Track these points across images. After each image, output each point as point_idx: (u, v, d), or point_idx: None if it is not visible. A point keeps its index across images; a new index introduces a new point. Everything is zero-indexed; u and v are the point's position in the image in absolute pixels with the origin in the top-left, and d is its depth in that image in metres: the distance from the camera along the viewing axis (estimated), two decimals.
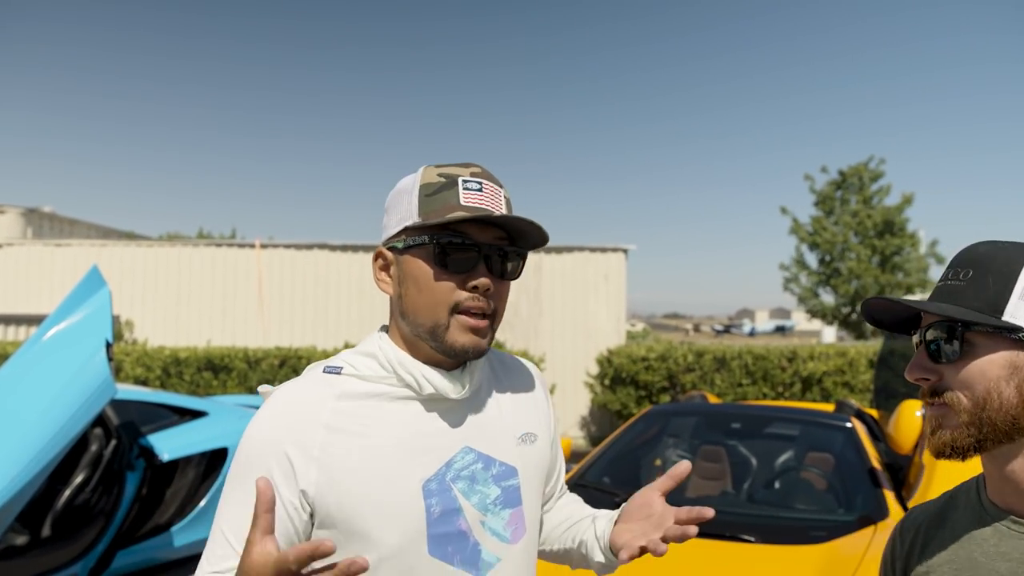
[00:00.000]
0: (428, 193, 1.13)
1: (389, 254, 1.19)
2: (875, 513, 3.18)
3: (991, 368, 0.93)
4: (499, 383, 1.28)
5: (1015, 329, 0.92)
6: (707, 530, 3.05)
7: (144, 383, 9.94)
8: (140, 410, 5.01)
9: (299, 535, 1.09)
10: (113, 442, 4.65)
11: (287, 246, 12.18)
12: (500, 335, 11.68)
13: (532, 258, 11.86)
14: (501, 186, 1.18)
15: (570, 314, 11.80)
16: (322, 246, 12.11)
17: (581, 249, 11.93)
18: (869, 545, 2.84)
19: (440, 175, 1.14)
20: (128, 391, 5.23)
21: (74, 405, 3.74)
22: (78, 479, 4.55)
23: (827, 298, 24.93)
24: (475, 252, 1.13)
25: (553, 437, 1.35)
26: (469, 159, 1.19)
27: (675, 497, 3.86)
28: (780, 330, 67.22)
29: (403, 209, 1.15)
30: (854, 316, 24.27)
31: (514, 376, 1.31)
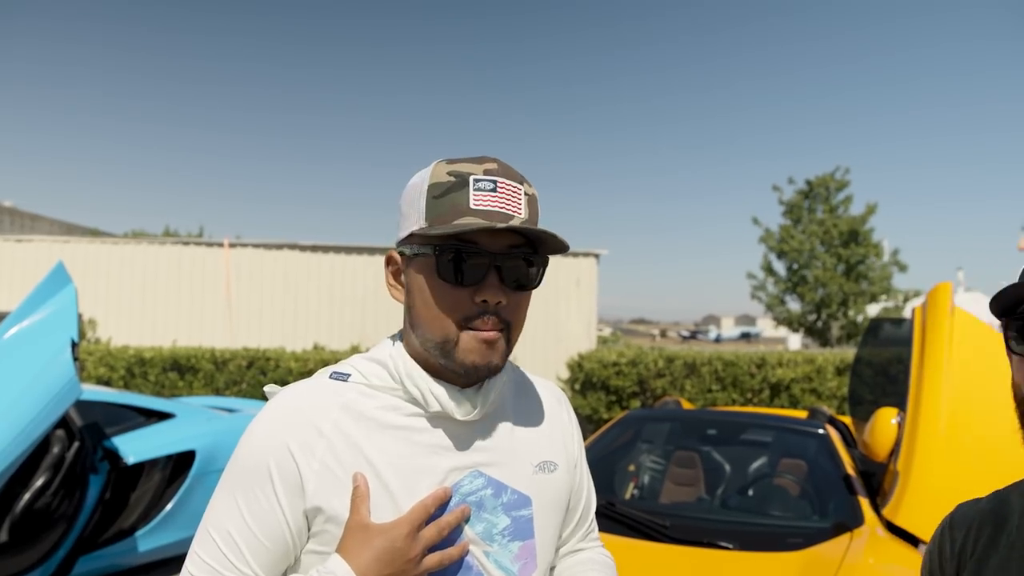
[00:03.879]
0: (436, 195, 1.03)
1: (399, 258, 1.11)
2: (850, 520, 3.18)
3: None
4: (518, 405, 1.18)
5: None
6: (686, 537, 3.04)
7: (107, 383, 9.74)
8: (104, 411, 4.88)
9: (293, 551, 1.03)
10: (76, 444, 4.52)
11: (256, 245, 12.03)
12: None
13: None
14: (522, 182, 1.06)
15: (541, 318, 11.78)
16: (292, 246, 11.99)
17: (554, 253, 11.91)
18: (846, 552, 2.85)
19: (450, 173, 1.03)
20: (92, 392, 5.09)
21: (37, 406, 3.63)
22: (39, 482, 4.42)
23: (793, 305, 25.26)
24: (484, 261, 1.02)
25: (578, 468, 1.25)
26: (435, 159, 1.09)
27: (650, 503, 3.88)
28: (746, 336, 68.10)
29: (412, 211, 1.06)
30: (819, 323, 24.61)
31: (536, 398, 1.22)
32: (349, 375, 1.09)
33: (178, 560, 5.20)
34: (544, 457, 1.15)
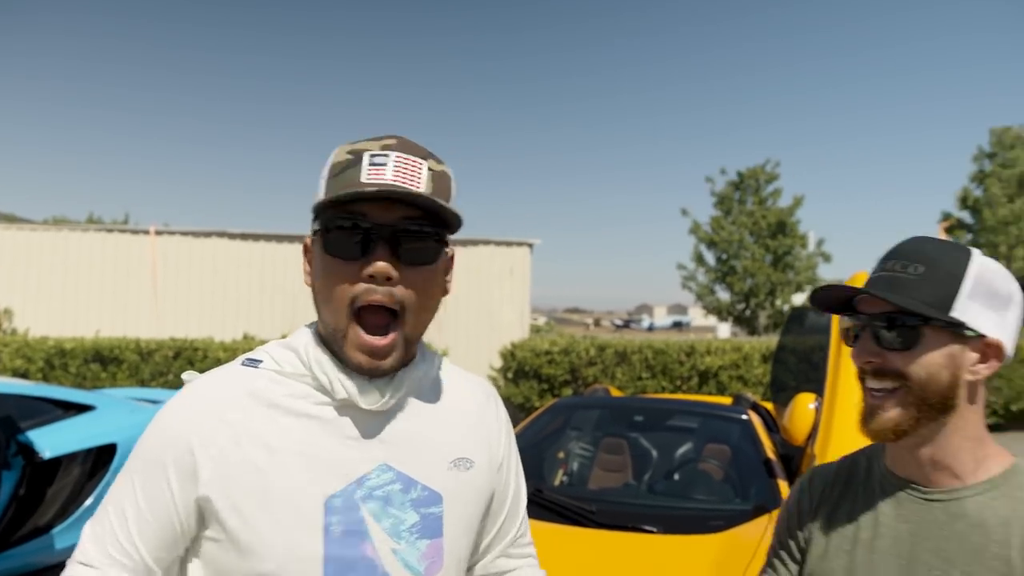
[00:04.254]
0: (335, 173, 1.01)
1: (309, 240, 1.08)
2: (770, 502, 3.29)
3: (936, 357, 1.05)
4: (437, 398, 1.14)
5: (957, 324, 1.04)
6: (611, 522, 3.10)
7: (25, 376, 9.39)
8: (19, 404, 4.70)
9: (183, 537, 1.01)
10: None
11: (184, 233, 11.72)
12: None
13: None
14: (425, 158, 1.03)
15: (475, 307, 11.80)
16: (221, 234, 11.71)
17: (487, 242, 11.94)
18: (765, 533, 2.94)
19: (349, 152, 1.01)
20: (5, 383, 4.91)
21: None
22: None
23: (723, 295, 25.83)
24: (368, 233, 0.98)
25: (503, 469, 1.20)
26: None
27: (578, 489, 3.93)
28: (677, 325, 69.42)
29: (317, 194, 1.03)
30: (748, 312, 25.23)
31: (459, 393, 1.18)
32: (261, 361, 1.07)
33: None
34: (460, 454, 1.11)
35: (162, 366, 9.66)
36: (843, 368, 3.33)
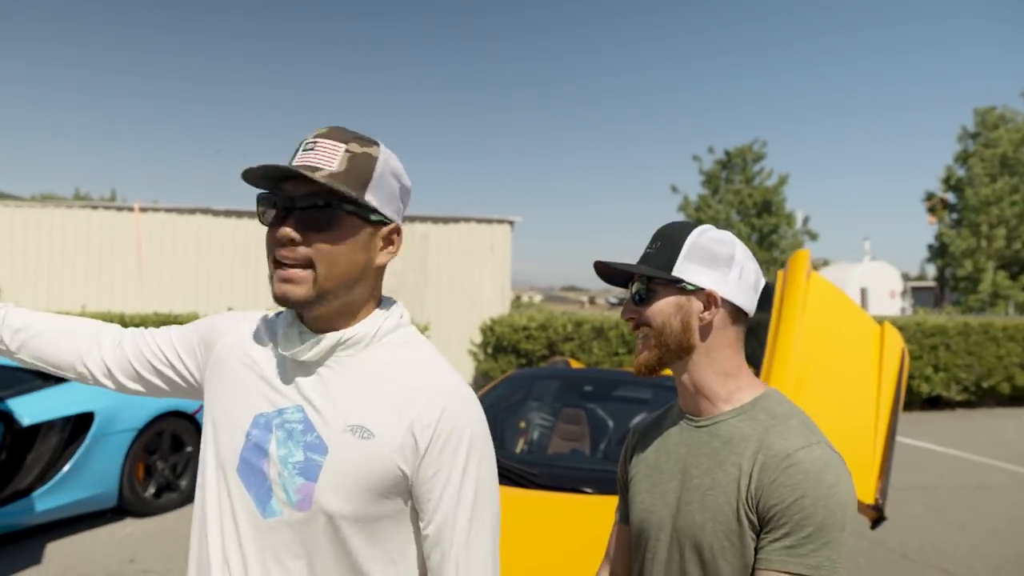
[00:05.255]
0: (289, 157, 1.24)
1: None
2: None
3: (665, 307, 1.36)
4: (375, 364, 1.25)
5: (677, 281, 1.35)
6: (550, 483, 3.30)
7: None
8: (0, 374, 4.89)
9: (195, 375, 1.40)
10: None
11: (168, 210, 11.85)
12: None
13: (419, 228, 11.97)
14: (347, 142, 1.19)
15: (456, 284, 11.99)
16: (205, 211, 11.84)
17: (468, 220, 12.10)
18: None
19: (298, 142, 1.23)
20: None
21: None
22: None
23: None
24: (274, 205, 1.20)
25: (424, 469, 1.20)
26: (366, 132, 1.25)
27: (538, 456, 4.13)
28: None
29: None
30: None
31: (399, 366, 1.25)
32: (283, 312, 1.36)
33: (76, 520, 5.27)
34: (361, 422, 1.20)
35: None
36: (779, 342, 3.51)
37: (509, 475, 3.39)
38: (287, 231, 1.16)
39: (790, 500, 1.20)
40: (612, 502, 3.17)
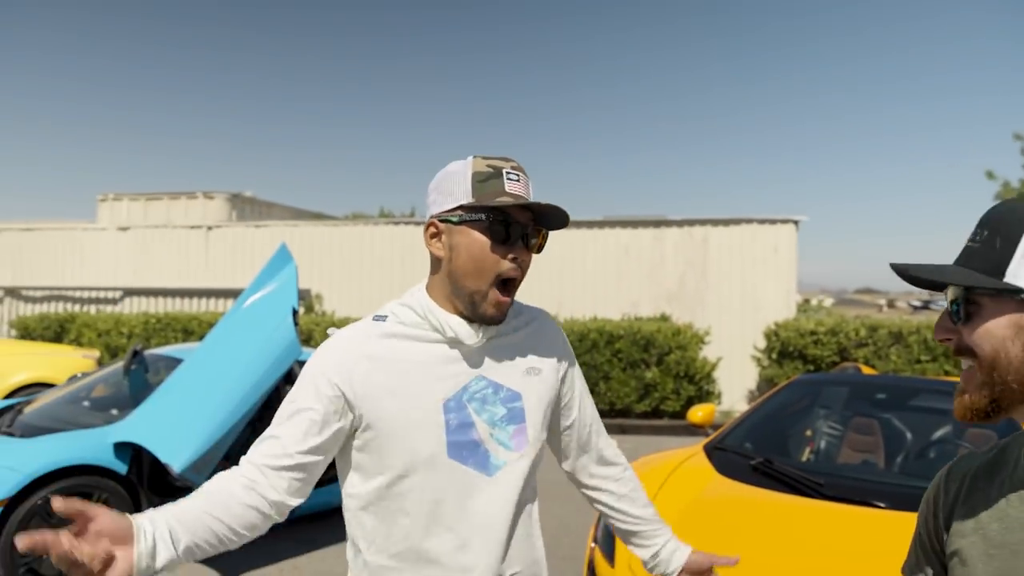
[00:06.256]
0: (480, 180, 1.39)
1: (441, 224, 1.44)
2: None
3: (997, 328, 0.94)
4: (515, 328, 1.54)
5: (1017, 291, 0.92)
6: (837, 495, 3.11)
7: None
8: None
9: (346, 430, 1.40)
10: None
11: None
12: (667, 308, 11.72)
13: (699, 231, 11.81)
14: (528, 177, 1.45)
15: (737, 287, 11.63)
16: None
17: (749, 221, 11.70)
18: None
19: (488, 166, 1.41)
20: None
21: (266, 363, 4.32)
22: None
23: None
24: (516, 230, 1.41)
25: (566, 378, 1.61)
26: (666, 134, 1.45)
27: (825, 465, 3.89)
28: None
29: (458, 190, 1.41)
30: None
31: (526, 323, 1.57)
32: (386, 316, 1.47)
33: None
34: (531, 364, 1.52)
35: None
36: None
37: (794, 483, 3.25)
38: (525, 252, 1.44)
39: None
40: (908, 519, 2.93)
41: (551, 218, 1.44)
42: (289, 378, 5.21)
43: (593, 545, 3.11)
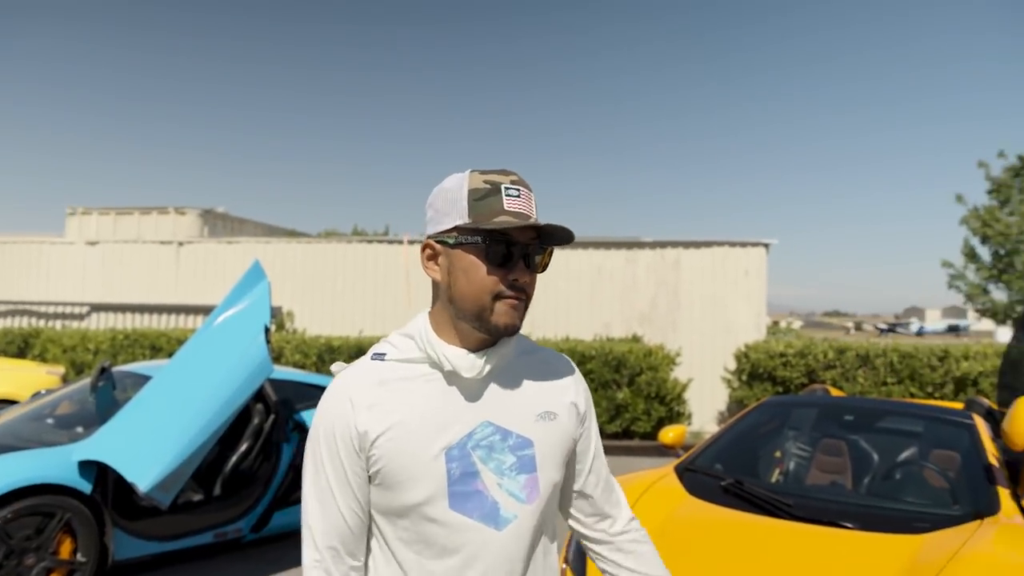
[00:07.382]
0: (477, 198, 1.29)
1: (438, 246, 1.35)
2: (985, 508, 3.16)
3: None
4: (526, 367, 1.43)
5: None
6: (807, 515, 3.15)
7: (301, 368, 10.76)
8: (295, 389, 5.57)
9: (361, 492, 1.32)
10: (272, 416, 5.23)
11: None
12: (639, 329, 11.79)
13: (671, 253, 11.92)
14: (531, 190, 1.35)
15: (708, 309, 11.75)
16: None
17: (720, 244, 11.84)
18: (971, 537, 2.85)
19: (486, 182, 1.30)
20: (285, 372, 5.82)
21: (237, 380, 4.29)
22: (243, 447, 5.17)
23: (1000, 295, 23.23)
24: (517, 251, 1.30)
25: (583, 421, 1.49)
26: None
27: (794, 486, 3.94)
28: (954, 330, 62.41)
29: (453, 209, 1.31)
30: None
31: (541, 363, 1.47)
32: (385, 354, 1.37)
33: None
34: (545, 408, 1.40)
35: None
36: None
37: (763, 504, 3.28)
38: (526, 275, 1.33)
39: None
40: (875, 540, 2.99)
41: (554, 235, 1.34)
42: (259, 396, 5.18)
43: (564, 566, 3.11)
